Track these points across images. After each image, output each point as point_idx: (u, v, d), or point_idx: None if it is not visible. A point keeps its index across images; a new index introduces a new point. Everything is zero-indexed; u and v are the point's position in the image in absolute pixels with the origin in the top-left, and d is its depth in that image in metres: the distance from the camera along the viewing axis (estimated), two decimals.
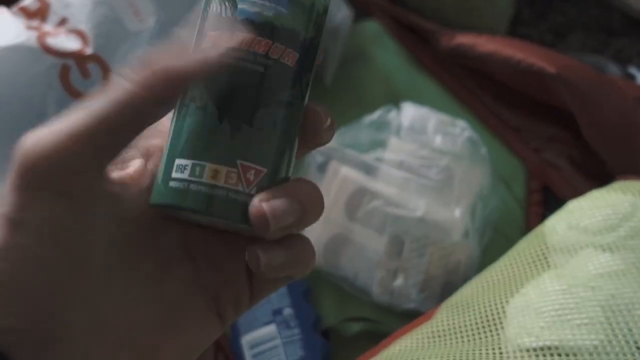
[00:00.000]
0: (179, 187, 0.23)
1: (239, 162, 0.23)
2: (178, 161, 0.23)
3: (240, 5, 0.24)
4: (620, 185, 0.44)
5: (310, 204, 0.23)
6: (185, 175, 0.23)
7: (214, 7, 0.24)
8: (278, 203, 0.22)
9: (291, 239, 0.23)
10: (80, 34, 0.50)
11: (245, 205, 0.23)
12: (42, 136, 0.20)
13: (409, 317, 0.49)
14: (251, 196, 0.23)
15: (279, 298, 0.48)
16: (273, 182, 0.24)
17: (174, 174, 0.23)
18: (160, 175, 0.24)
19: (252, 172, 0.23)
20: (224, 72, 0.23)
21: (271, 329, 0.47)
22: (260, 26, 0.24)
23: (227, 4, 0.24)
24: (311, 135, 0.25)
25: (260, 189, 0.23)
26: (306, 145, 0.25)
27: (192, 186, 0.23)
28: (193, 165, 0.23)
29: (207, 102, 0.23)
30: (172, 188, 0.23)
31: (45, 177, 0.20)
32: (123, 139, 0.21)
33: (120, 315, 0.23)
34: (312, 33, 0.25)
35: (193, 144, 0.23)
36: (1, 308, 0.20)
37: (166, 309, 0.24)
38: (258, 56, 0.23)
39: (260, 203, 0.22)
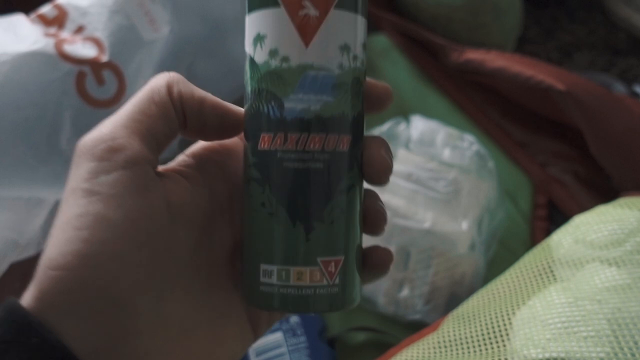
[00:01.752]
0: (270, 291, 0.24)
1: (319, 260, 0.24)
2: (263, 266, 0.24)
3: (287, 105, 0.24)
4: (626, 201, 0.45)
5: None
6: (273, 280, 0.24)
7: (261, 106, 0.24)
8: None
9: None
10: (96, 42, 0.51)
11: (332, 296, 0.24)
12: (101, 127, 0.23)
13: (415, 328, 0.49)
14: (335, 286, 0.24)
15: None
16: (351, 265, 0.25)
17: (262, 279, 0.24)
18: (248, 277, 0.25)
19: (332, 264, 0.24)
20: (285, 175, 0.24)
21: (277, 336, 0.48)
22: (310, 122, 0.24)
23: (273, 103, 0.24)
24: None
25: (342, 275, 0.24)
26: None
27: (282, 290, 0.24)
28: (279, 271, 0.24)
29: (276, 207, 0.24)
30: (263, 292, 0.24)
31: (108, 152, 0.22)
32: (169, 130, 0.24)
33: (179, 314, 0.24)
34: (359, 106, 0.25)
35: (274, 250, 0.24)
36: (74, 288, 0.21)
37: (212, 317, 0.25)
38: (315, 153, 0.24)
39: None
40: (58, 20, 0.52)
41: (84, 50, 0.50)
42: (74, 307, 0.21)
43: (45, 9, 0.53)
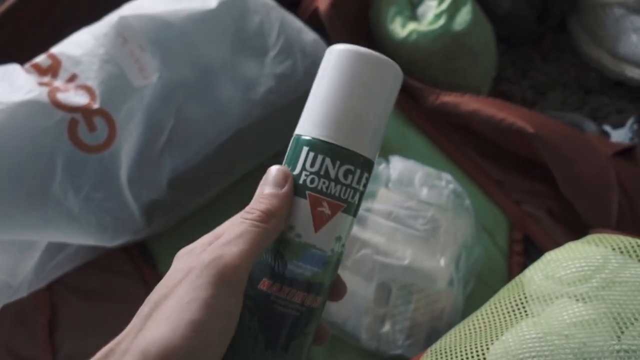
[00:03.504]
0: None
1: None
2: None
3: (289, 266, 0.32)
4: (593, 237, 0.47)
5: None
6: None
7: (271, 259, 0.32)
8: None
9: None
10: (88, 90, 0.54)
11: None
12: (230, 254, 0.29)
13: None
14: None
15: None
16: None
17: None
18: None
19: None
20: (270, 312, 0.32)
21: None
22: (300, 283, 0.32)
23: (280, 262, 0.32)
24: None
25: None
26: None
27: None
28: None
29: (257, 335, 0.32)
30: None
31: (229, 280, 0.29)
32: (265, 248, 0.32)
33: None
34: (333, 278, 0.34)
35: None
36: None
37: None
38: (297, 304, 0.32)
39: None
40: (52, 69, 0.54)
41: (76, 98, 0.52)
42: None
43: (40, 59, 0.55)
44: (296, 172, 0.33)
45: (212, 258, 0.29)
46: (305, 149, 0.33)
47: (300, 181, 0.33)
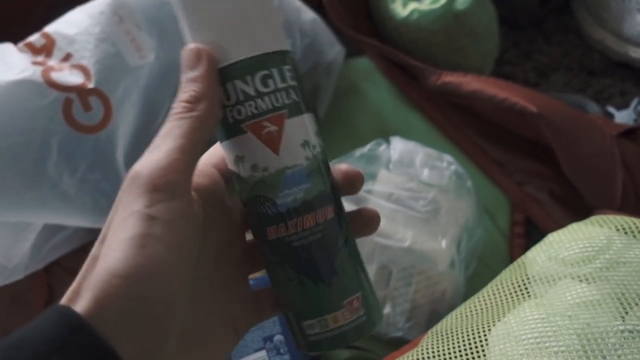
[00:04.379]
0: (317, 339, 0.31)
1: (344, 302, 0.31)
2: (305, 323, 0.31)
3: (279, 201, 0.30)
4: (597, 218, 0.46)
5: None
6: (316, 330, 0.31)
7: (259, 208, 0.30)
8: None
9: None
10: (83, 69, 0.53)
11: (364, 324, 0.31)
12: (153, 158, 0.26)
13: (396, 345, 0.50)
14: (363, 315, 0.31)
15: (270, 325, 0.50)
16: (368, 295, 0.32)
17: (308, 332, 0.31)
18: (297, 333, 0.32)
19: (354, 301, 0.31)
20: (295, 252, 0.30)
21: (261, 355, 0.48)
22: (300, 208, 0.30)
23: (268, 204, 0.30)
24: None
25: (364, 306, 0.31)
26: None
27: (327, 334, 0.31)
28: (319, 322, 0.31)
29: (299, 278, 0.30)
30: (312, 341, 0.31)
31: (160, 183, 0.26)
32: (204, 144, 0.28)
33: (192, 313, 0.29)
34: (329, 180, 0.32)
35: (310, 308, 0.31)
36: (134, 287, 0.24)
37: (209, 319, 0.30)
38: (312, 228, 0.30)
39: None
40: (46, 49, 0.53)
41: (71, 77, 0.51)
42: (129, 312, 0.23)
43: (34, 38, 0.54)
44: (222, 115, 0.30)
45: (137, 169, 0.26)
46: None
47: (231, 121, 0.30)
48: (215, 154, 0.33)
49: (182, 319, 0.26)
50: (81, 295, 0.24)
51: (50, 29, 0.55)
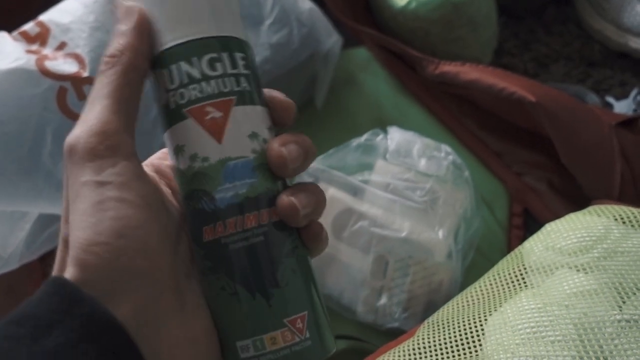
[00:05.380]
0: None
1: (285, 321, 0.26)
2: (239, 343, 0.27)
3: (217, 196, 0.27)
4: (595, 208, 0.46)
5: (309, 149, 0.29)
6: (250, 352, 0.26)
7: (196, 204, 0.27)
8: (293, 149, 0.28)
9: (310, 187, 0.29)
10: (77, 58, 0.52)
11: (308, 349, 0.27)
12: (86, 126, 0.25)
13: (393, 336, 0.50)
14: (308, 339, 0.27)
15: None
16: (316, 316, 0.28)
17: (241, 355, 0.26)
18: (229, 355, 0.27)
19: (299, 320, 0.27)
20: (233, 256, 0.27)
21: None
22: (242, 204, 0.27)
23: (205, 199, 0.27)
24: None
25: (311, 328, 0.27)
26: None
27: (262, 358, 0.26)
28: (253, 342, 0.26)
29: (234, 287, 0.26)
30: None
31: (104, 149, 0.25)
32: (135, 101, 0.27)
33: (185, 270, 0.28)
34: (281, 181, 0.28)
35: (244, 325, 0.26)
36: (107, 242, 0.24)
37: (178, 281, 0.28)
38: (254, 229, 0.27)
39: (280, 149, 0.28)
40: (40, 37, 0.53)
41: (65, 66, 0.51)
42: (115, 273, 0.23)
43: (28, 26, 0.53)
44: (162, 102, 0.28)
45: (71, 141, 0.25)
46: (156, 74, 0.28)
47: (173, 107, 0.27)
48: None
49: (172, 274, 0.26)
50: (66, 270, 0.24)
51: (44, 17, 0.54)
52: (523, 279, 0.43)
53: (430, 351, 0.42)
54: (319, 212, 0.28)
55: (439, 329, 0.43)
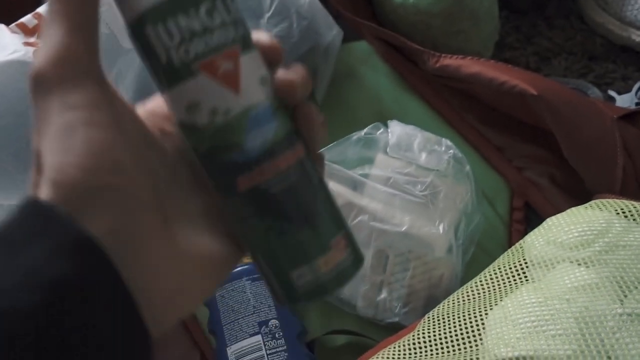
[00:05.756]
0: (309, 288, 0.28)
1: (332, 243, 0.28)
2: (294, 273, 0.28)
3: (247, 145, 0.27)
4: (597, 202, 0.46)
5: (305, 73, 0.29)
6: (308, 278, 0.28)
7: (225, 158, 0.27)
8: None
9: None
10: None
11: (354, 264, 0.29)
12: (50, 51, 0.24)
13: (393, 331, 0.50)
14: (350, 254, 0.29)
15: (265, 310, 0.49)
16: (350, 233, 0.29)
17: (298, 283, 0.28)
18: (282, 287, 0.28)
19: (341, 241, 0.28)
20: (274, 199, 0.27)
21: (257, 339, 0.48)
22: (272, 149, 0.27)
23: (236, 151, 0.27)
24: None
25: (349, 244, 0.29)
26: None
27: (320, 280, 0.28)
28: (309, 268, 0.28)
29: (282, 226, 0.28)
30: (305, 291, 0.28)
31: (70, 74, 0.24)
32: (96, 21, 0.25)
33: (166, 191, 0.27)
34: (289, 115, 0.29)
35: (297, 256, 0.28)
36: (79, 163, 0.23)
37: (184, 200, 0.28)
38: (287, 171, 0.27)
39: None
40: (38, 29, 0.53)
41: None
42: (87, 195, 0.23)
43: (26, 19, 0.53)
44: (161, 60, 0.27)
45: (37, 69, 0.24)
46: (148, 33, 0.26)
47: (176, 63, 0.26)
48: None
49: (152, 193, 0.25)
50: (40, 192, 0.23)
51: (43, 9, 0.54)
52: (524, 273, 0.43)
53: (431, 345, 0.42)
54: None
55: (439, 324, 0.43)
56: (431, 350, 0.42)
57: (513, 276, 0.44)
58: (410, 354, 0.43)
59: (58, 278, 0.21)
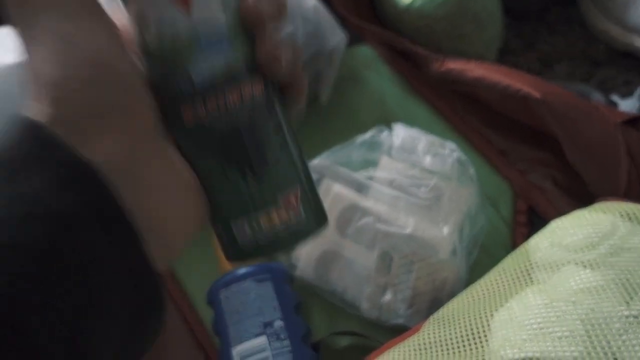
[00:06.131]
0: (249, 244, 0.26)
1: (279, 198, 0.26)
2: (234, 223, 0.26)
3: (194, 71, 0.24)
4: (601, 205, 0.46)
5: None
6: (247, 232, 0.25)
7: (170, 84, 0.25)
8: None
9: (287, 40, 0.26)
10: None
11: (304, 228, 0.26)
12: None
13: (397, 332, 0.50)
14: (302, 215, 0.26)
15: (270, 311, 0.49)
16: (309, 192, 0.26)
17: (238, 236, 0.26)
18: (224, 237, 0.26)
19: (292, 197, 0.26)
20: (219, 138, 0.25)
21: (262, 340, 0.48)
22: (222, 79, 0.25)
23: (182, 77, 0.25)
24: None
25: (304, 203, 0.26)
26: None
27: (260, 237, 0.25)
28: (249, 222, 0.25)
29: (224, 169, 0.25)
30: (243, 246, 0.26)
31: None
32: None
33: None
34: (252, 48, 0.26)
35: (237, 205, 0.25)
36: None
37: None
38: (237, 107, 0.25)
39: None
40: None
41: None
42: (89, 111, 0.21)
43: None
44: None
45: None
46: None
47: None
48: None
49: (151, 115, 0.24)
50: (38, 110, 0.22)
51: None
52: (529, 275, 0.43)
53: (436, 347, 0.42)
54: (298, 64, 0.27)
55: (444, 325, 0.43)
56: (436, 352, 0.42)
57: (518, 278, 0.44)
58: (415, 355, 0.43)
59: (59, 211, 0.20)
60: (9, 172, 0.20)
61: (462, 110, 0.64)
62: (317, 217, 0.27)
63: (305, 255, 0.52)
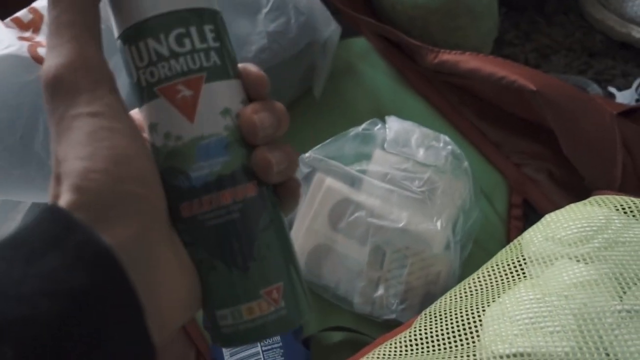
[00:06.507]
0: (229, 331, 0.28)
1: (261, 292, 0.28)
2: (218, 312, 0.28)
3: (193, 174, 0.27)
4: (596, 198, 0.45)
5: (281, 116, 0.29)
6: (229, 321, 0.28)
7: (173, 182, 0.28)
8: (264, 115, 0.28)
9: (283, 146, 0.29)
10: None
11: (283, 318, 0.28)
12: (63, 63, 0.25)
13: (390, 328, 0.49)
14: (283, 308, 0.28)
15: None
16: (292, 286, 0.29)
17: (220, 323, 0.28)
18: (209, 322, 0.29)
19: (274, 291, 0.28)
20: (210, 232, 0.27)
21: (256, 351, 0.48)
22: (216, 182, 0.27)
23: (181, 177, 0.27)
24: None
25: (286, 297, 0.28)
26: None
27: (240, 326, 0.28)
28: (231, 312, 0.28)
29: (212, 261, 0.27)
30: (224, 333, 0.28)
31: (95, 83, 0.25)
32: (99, 27, 0.27)
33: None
34: (249, 154, 0.28)
35: (222, 296, 0.28)
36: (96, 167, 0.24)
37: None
38: (229, 207, 0.27)
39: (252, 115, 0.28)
40: (33, 24, 0.52)
41: None
42: (110, 201, 0.23)
43: (21, 13, 0.53)
44: (134, 79, 0.28)
45: (53, 73, 0.24)
46: (126, 50, 0.28)
47: (144, 85, 0.27)
48: None
49: (164, 205, 0.26)
50: (61, 198, 0.23)
51: (38, 4, 0.53)
52: (522, 269, 0.43)
53: (428, 342, 0.42)
54: (292, 169, 0.29)
55: (436, 320, 0.43)
56: (428, 347, 0.41)
57: (511, 272, 0.43)
58: (407, 350, 0.42)
59: (77, 289, 0.21)
60: (28, 250, 0.22)
61: (456, 103, 0.64)
62: (298, 310, 0.29)
63: (297, 250, 0.52)
